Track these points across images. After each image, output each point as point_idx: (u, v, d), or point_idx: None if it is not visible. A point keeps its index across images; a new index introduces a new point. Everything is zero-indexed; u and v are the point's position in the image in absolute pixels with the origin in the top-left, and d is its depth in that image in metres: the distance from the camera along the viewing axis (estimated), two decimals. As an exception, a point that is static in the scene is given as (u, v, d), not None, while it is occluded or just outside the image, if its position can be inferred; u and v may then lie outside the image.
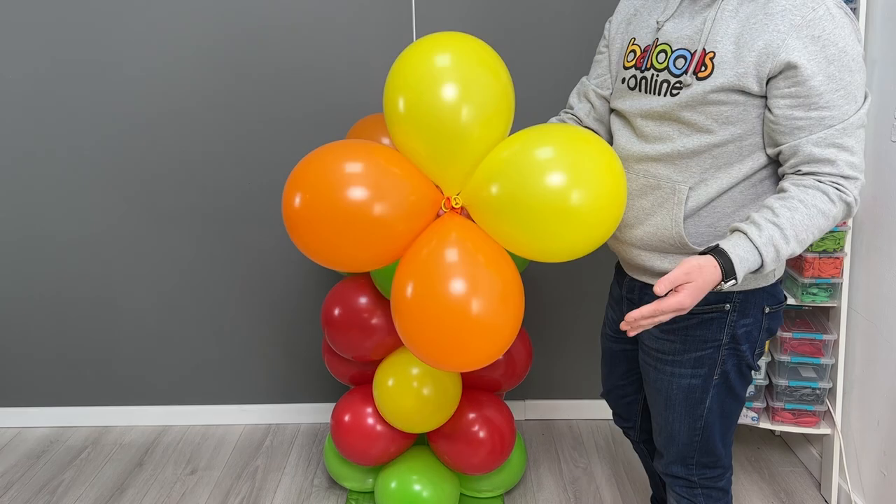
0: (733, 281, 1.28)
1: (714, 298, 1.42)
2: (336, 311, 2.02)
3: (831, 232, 2.11)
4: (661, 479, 1.93)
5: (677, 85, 1.38)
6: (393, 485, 2.12)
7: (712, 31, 1.34)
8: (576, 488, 2.38)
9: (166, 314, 2.71)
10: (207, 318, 2.72)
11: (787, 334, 2.23)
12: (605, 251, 1.68)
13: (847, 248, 2.15)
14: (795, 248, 1.29)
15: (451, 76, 1.40)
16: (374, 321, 2.00)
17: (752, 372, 1.54)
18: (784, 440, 2.61)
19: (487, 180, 1.42)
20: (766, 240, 1.27)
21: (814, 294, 2.19)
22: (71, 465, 2.58)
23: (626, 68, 1.51)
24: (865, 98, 1.31)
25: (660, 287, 1.26)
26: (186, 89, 2.50)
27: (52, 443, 2.72)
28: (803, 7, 1.27)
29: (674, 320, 1.47)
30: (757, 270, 1.30)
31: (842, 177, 1.29)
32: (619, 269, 1.67)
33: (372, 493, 2.29)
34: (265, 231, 2.63)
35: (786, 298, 1.52)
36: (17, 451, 2.68)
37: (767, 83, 1.31)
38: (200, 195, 2.60)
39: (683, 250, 1.43)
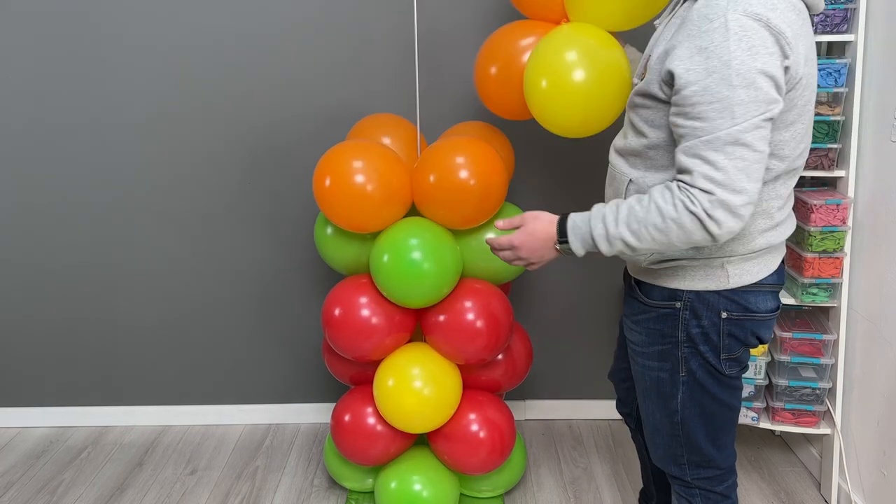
0: (567, 245, 1.39)
1: (668, 295, 1.46)
2: (336, 312, 2.02)
3: (831, 232, 2.11)
4: (652, 474, 1.95)
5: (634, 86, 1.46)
6: (393, 485, 2.12)
7: (660, 37, 1.40)
8: (576, 488, 2.38)
9: (166, 314, 2.71)
10: (207, 318, 2.72)
11: (787, 334, 2.23)
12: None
13: (847, 248, 2.15)
14: (625, 235, 1.32)
15: None
16: (375, 321, 2.00)
17: (734, 377, 1.51)
18: (784, 440, 2.61)
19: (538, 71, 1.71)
20: (599, 215, 1.36)
21: (814, 294, 2.19)
22: (71, 465, 2.58)
23: None
24: (762, 115, 1.23)
25: (498, 223, 1.47)
26: (186, 91, 2.50)
27: (52, 443, 2.72)
28: (704, 19, 1.25)
29: (637, 312, 1.53)
30: (596, 247, 1.36)
31: (695, 188, 1.25)
32: None
33: (372, 493, 2.29)
34: (265, 231, 2.63)
35: (774, 310, 1.47)
36: (17, 450, 2.68)
37: None
38: (201, 195, 2.60)
39: None
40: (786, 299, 2.23)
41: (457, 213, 1.94)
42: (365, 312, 2.00)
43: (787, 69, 1.27)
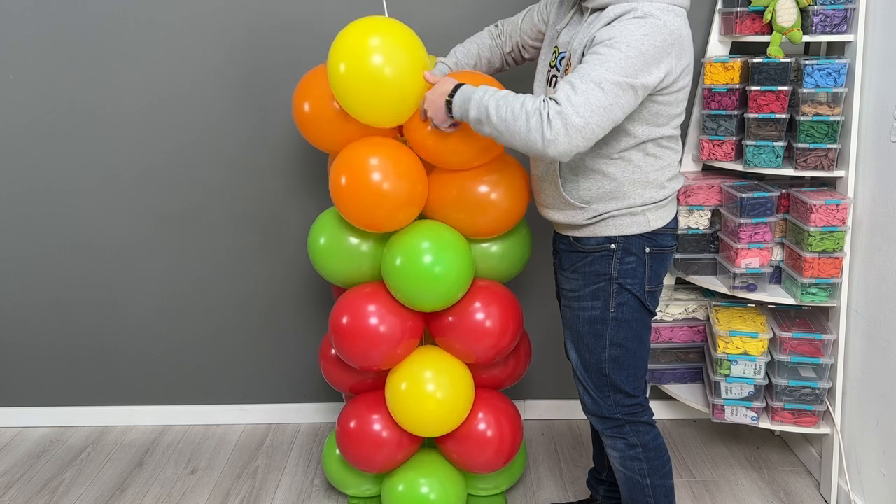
0: (451, 100, 1.66)
1: (604, 241, 1.74)
2: (344, 320, 1.99)
3: (830, 232, 2.11)
4: (603, 451, 2.05)
5: (557, 80, 1.73)
6: (400, 487, 2.11)
7: (575, 36, 1.69)
8: (576, 488, 2.38)
9: (166, 314, 2.72)
10: (208, 319, 2.72)
11: (787, 334, 2.23)
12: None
13: (847, 248, 2.15)
14: (490, 104, 1.57)
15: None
16: (384, 330, 1.97)
17: (651, 314, 1.81)
18: (784, 440, 2.61)
19: None
20: (486, 88, 1.62)
21: (813, 294, 2.19)
22: (71, 464, 2.58)
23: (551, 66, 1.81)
24: (630, 84, 1.52)
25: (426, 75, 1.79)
26: (187, 91, 2.51)
27: (52, 442, 2.72)
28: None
29: (576, 261, 1.78)
30: (467, 107, 1.62)
31: (553, 98, 1.52)
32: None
33: (372, 498, 2.28)
34: (265, 231, 2.63)
35: (674, 245, 1.81)
36: (17, 450, 2.68)
37: None
38: (201, 196, 2.60)
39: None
40: (785, 299, 2.23)
41: (476, 225, 1.93)
42: (374, 321, 1.97)
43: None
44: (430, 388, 1.98)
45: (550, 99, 1.53)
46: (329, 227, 2.04)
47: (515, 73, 2.11)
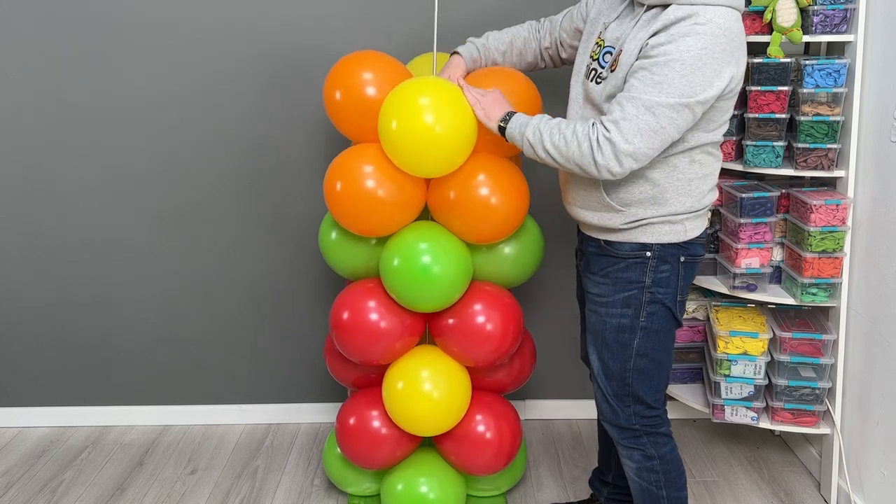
0: (510, 118, 1.69)
1: (638, 247, 1.70)
2: (345, 315, 2.00)
3: (830, 232, 2.11)
4: (611, 453, 2.04)
5: (600, 75, 1.67)
6: (399, 486, 2.11)
7: (629, 36, 1.62)
8: (576, 488, 2.38)
9: (166, 314, 2.71)
10: (208, 318, 2.72)
11: (787, 334, 2.23)
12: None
13: (847, 248, 2.15)
14: (543, 129, 1.62)
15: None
16: (384, 325, 1.98)
17: (678, 325, 1.78)
18: (784, 440, 2.61)
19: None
20: (542, 115, 1.67)
21: (813, 294, 2.19)
22: (71, 464, 2.58)
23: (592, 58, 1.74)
24: (687, 104, 1.51)
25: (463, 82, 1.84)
26: (186, 89, 2.51)
27: (52, 442, 2.72)
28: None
29: (607, 265, 1.74)
30: (524, 129, 1.65)
31: (602, 124, 1.55)
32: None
33: (371, 497, 2.29)
34: (266, 232, 2.63)
35: (703, 254, 1.79)
36: (17, 450, 2.68)
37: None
38: (201, 195, 2.60)
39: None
40: (785, 299, 2.23)
41: (475, 231, 1.93)
42: (374, 316, 1.98)
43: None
44: (427, 388, 1.98)
45: (601, 123, 1.54)
46: None
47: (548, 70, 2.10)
